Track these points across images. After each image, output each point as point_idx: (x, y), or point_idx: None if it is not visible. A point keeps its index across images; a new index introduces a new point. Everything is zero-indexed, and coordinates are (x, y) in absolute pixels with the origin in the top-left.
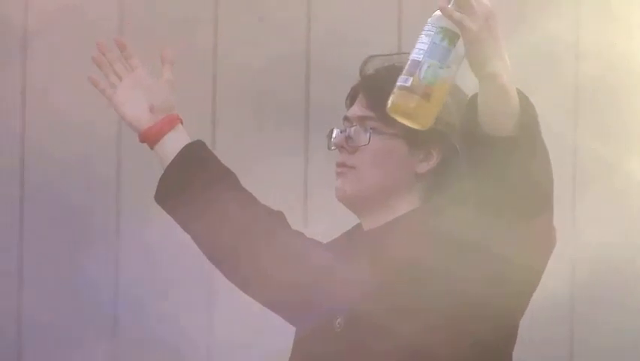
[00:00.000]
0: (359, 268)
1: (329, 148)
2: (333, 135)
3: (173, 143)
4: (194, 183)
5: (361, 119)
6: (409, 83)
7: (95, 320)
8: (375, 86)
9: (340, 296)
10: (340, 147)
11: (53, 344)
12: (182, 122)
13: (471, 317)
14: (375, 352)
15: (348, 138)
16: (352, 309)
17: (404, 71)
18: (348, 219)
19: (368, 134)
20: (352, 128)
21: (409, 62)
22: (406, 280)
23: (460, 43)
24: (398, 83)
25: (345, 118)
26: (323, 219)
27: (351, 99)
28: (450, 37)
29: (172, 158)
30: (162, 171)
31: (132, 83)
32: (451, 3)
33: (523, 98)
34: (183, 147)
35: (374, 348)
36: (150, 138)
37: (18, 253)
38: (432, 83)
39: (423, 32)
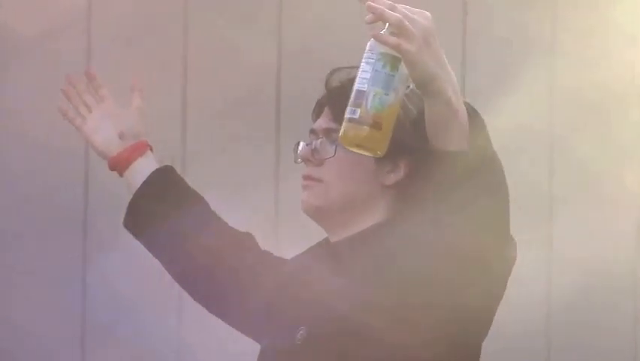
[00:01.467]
0: (323, 281)
1: (295, 161)
2: (300, 148)
3: (142, 168)
4: (162, 208)
5: (327, 132)
6: (357, 115)
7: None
8: (340, 99)
9: (303, 309)
10: (306, 160)
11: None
12: (151, 149)
13: (433, 332)
14: None
15: (314, 150)
16: (314, 322)
17: (350, 102)
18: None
19: (334, 147)
20: (318, 141)
21: (354, 93)
22: (369, 293)
23: (403, 64)
24: (347, 115)
25: (312, 131)
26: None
27: (317, 112)
28: (391, 62)
29: (140, 183)
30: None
31: (101, 112)
32: (386, 28)
33: (472, 111)
34: (152, 172)
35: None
36: (119, 165)
37: None
38: (380, 111)
39: (363, 60)
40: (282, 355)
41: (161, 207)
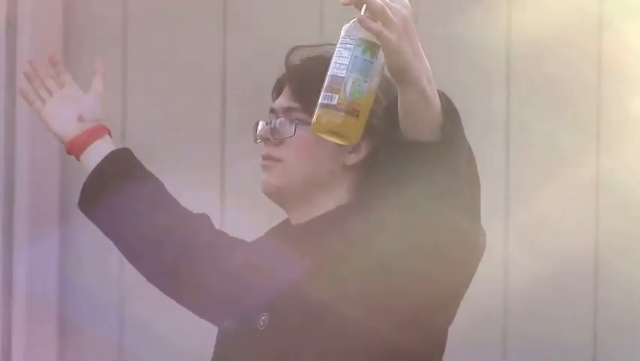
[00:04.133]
0: (285, 263)
1: (255, 141)
2: (259, 128)
3: (99, 151)
4: (117, 188)
5: (287, 111)
6: (334, 101)
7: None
8: (300, 77)
9: (265, 292)
10: (266, 140)
11: None
12: (110, 134)
13: (397, 317)
14: (297, 350)
15: (274, 129)
16: (277, 307)
17: (326, 87)
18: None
19: (294, 126)
20: (278, 120)
21: (329, 78)
22: (332, 278)
23: (381, 52)
24: (322, 101)
25: (271, 110)
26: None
27: (277, 91)
28: (371, 49)
29: (96, 164)
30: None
31: (61, 96)
32: (363, 10)
33: (445, 101)
34: (108, 153)
35: (297, 346)
36: (76, 148)
37: None
38: (358, 99)
39: (340, 45)
40: (243, 340)
41: (116, 187)
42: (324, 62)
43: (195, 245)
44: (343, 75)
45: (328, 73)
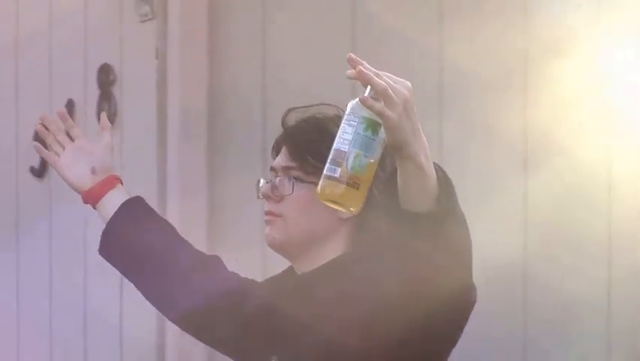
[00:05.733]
0: (292, 312)
1: (257, 197)
2: (260, 185)
3: (114, 200)
4: (133, 235)
5: (285, 170)
6: (337, 174)
7: None
8: (295, 138)
9: (274, 338)
10: (267, 197)
11: None
12: (121, 182)
13: (398, 356)
14: None
15: (274, 187)
16: (285, 352)
17: (330, 160)
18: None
19: (292, 184)
20: (277, 178)
21: (334, 152)
22: (335, 325)
23: (383, 129)
24: (326, 173)
25: (271, 168)
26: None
27: (276, 150)
28: (373, 126)
29: (112, 214)
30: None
31: (73, 150)
32: (367, 92)
33: (441, 173)
34: (122, 203)
35: None
36: (92, 198)
37: None
38: (358, 173)
39: (345, 121)
40: None
41: (133, 234)
42: (316, 123)
43: (210, 289)
44: (346, 150)
45: (333, 147)
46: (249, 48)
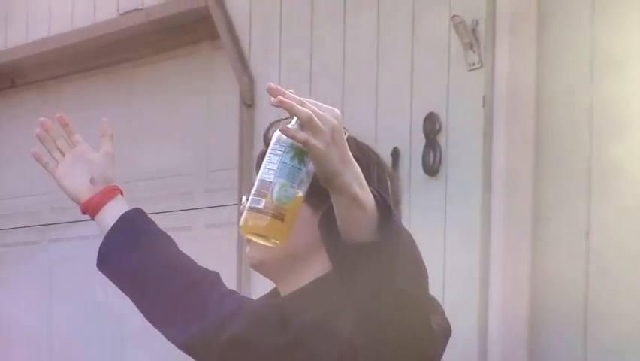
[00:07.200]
0: (270, 337)
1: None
2: (242, 202)
3: (112, 212)
4: (132, 249)
5: None
6: (261, 205)
7: None
8: None
9: (255, 357)
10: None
11: None
12: (122, 193)
13: None
14: None
15: None
16: None
17: (254, 192)
18: None
19: None
20: None
21: (258, 183)
22: (311, 351)
23: (309, 158)
24: (250, 205)
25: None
26: None
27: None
28: (299, 155)
29: (110, 226)
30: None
31: (73, 157)
32: (294, 120)
33: (381, 200)
34: (121, 215)
35: None
36: (90, 209)
37: None
38: (284, 204)
39: (270, 151)
40: None
41: (131, 248)
42: None
43: (207, 307)
44: (271, 180)
45: (257, 177)
46: (577, 98)
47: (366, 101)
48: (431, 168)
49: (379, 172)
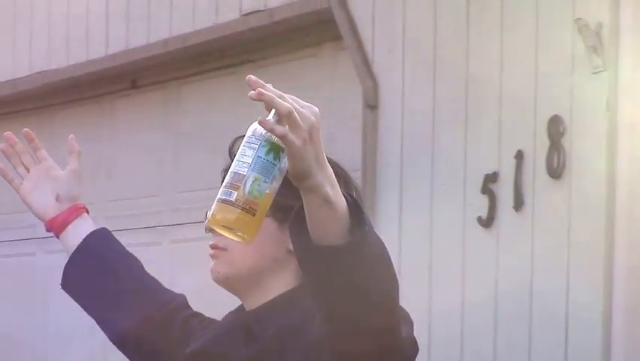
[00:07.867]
0: (239, 344)
1: (206, 231)
2: (206, 218)
3: (78, 230)
4: (97, 269)
5: None
6: (232, 198)
7: None
8: None
9: None
10: (211, 230)
11: None
12: (87, 211)
13: None
14: None
15: None
16: None
17: (226, 184)
18: None
19: None
20: None
21: (230, 175)
22: (282, 353)
23: (284, 155)
24: (220, 197)
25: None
26: None
27: (223, 180)
28: (275, 150)
29: (76, 246)
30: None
31: (38, 174)
32: (272, 114)
33: (352, 203)
34: (87, 235)
35: None
36: (55, 227)
37: None
38: (256, 198)
39: (245, 144)
40: None
41: (97, 268)
42: None
43: (172, 329)
44: (244, 173)
45: (230, 170)
46: None
47: (491, 103)
48: (555, 171)
49: (349, 184)
